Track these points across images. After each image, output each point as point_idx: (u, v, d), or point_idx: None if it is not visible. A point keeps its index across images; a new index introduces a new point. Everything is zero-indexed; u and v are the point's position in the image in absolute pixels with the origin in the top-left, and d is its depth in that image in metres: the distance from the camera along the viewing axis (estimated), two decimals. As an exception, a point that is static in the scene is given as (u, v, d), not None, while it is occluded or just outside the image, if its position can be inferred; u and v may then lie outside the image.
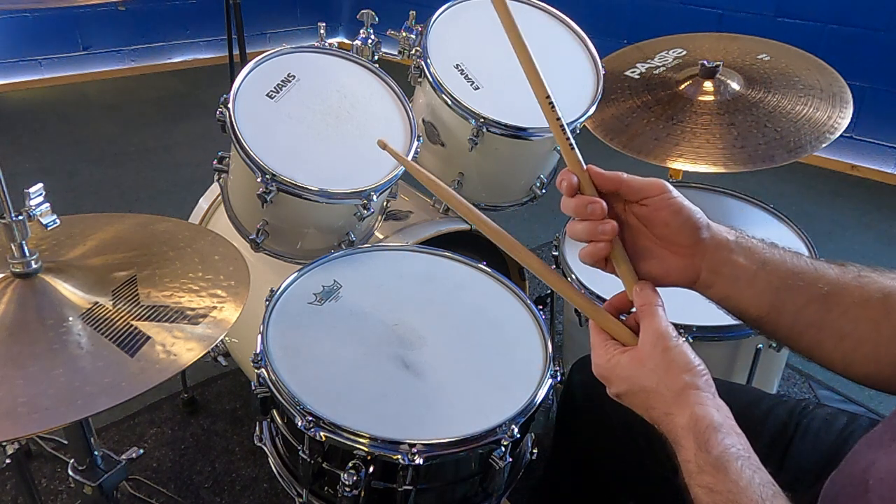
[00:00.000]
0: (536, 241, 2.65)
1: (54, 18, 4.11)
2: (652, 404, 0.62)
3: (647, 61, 1.65)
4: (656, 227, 0.67)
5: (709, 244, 0.66)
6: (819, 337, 0.66)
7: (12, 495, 1.50)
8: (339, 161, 1.22)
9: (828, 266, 0.67)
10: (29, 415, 0.70)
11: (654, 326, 0.64)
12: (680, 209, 0.65)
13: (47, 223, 0.87)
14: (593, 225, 0.66)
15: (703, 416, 0.59)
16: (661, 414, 0.62)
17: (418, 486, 0.88)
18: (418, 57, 1.36)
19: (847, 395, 1.90)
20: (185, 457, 1.63)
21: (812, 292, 0.65)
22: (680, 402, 0.60)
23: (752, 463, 0.57)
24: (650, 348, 0.63)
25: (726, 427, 0.59)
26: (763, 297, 0.66)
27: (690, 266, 0.67)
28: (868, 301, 0.64)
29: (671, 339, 0.63)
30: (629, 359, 0.64)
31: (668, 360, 0.62)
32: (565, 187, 0.67)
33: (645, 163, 1.40)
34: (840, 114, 1.38)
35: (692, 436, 0.58)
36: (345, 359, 0.97)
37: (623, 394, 0.65)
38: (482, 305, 1.10)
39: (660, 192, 0.65)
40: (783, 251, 0.68)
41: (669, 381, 0.61)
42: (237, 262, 0.98)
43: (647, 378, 0.62)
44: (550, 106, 0.67)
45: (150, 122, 3.78)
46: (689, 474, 0.58)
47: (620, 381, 0.65)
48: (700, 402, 0.60)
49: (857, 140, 3.34)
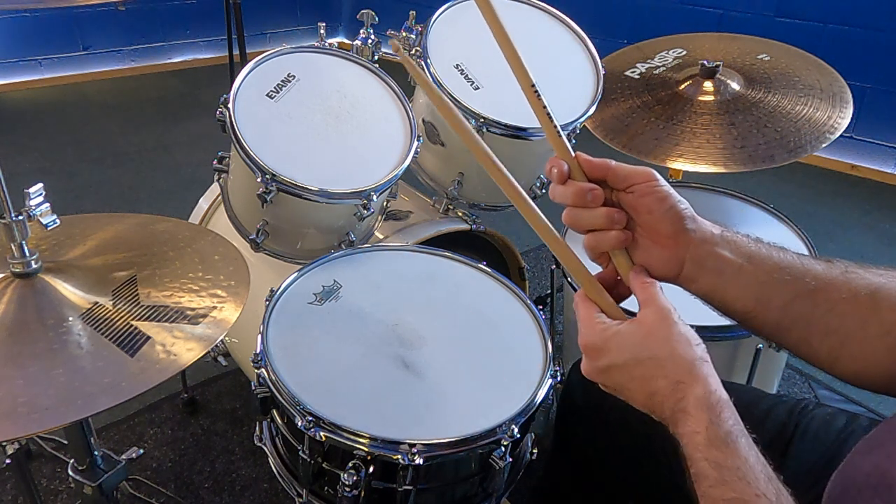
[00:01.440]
0: (536, 240, 2.64)
1: (54, 18, 4.11)
2: (661, 373, 0.61)
3: (647, 61, 1.65)
4: (640, 214, 0.66)
5: (693, 236, 0.65)
6: (805, 333, 0.65)
7: (12, 495, 1.50)
8: (339, 161, 1.22)
9: (815, 262, 0.66)
10: (29, 415, 0.70)
11: (659, 302, 0.63)
12: (665, 197, 0.65)
13: (47, 223, 0.87)
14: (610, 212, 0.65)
15: (716, 389, 0.59)
16: (671, 383, 0.60)
17: (418, 486, 0.88)
18: (418, 57, 1.36)
19: (847, 395, 1.90)
20: (185, 457, 1.63)
21: (799, 287, 0.65)
22: (694, 373, 0.60)
23: (752, 443, 0.57)
24: (658, 320, 0.62)
25: (731, 405, 0.59)
26: (748, 292, 0.66)
27: (674, 258, 0.66)
28: (856, 297, 0.63)
29: (676, 314, 0.63)
30: (633, 329, 0.63)
31: (678, 332, 0.61)
32: (556, 174, 0.66)
33: (645, 163, 1.40)
34: (840, 114, 1.38)
35: (705, 407, 0.58)
36: (345, 359, 0.97)
37: (618, 365, 0.63)
38: (482, 305, 1.10)
39: (646, 179, 0.65)
40: (769, 246, 0.67)
41: (682, 350, 0.60)
42: (237, 262, 0.98)
43: (658, 347, 0.61)
44: (536, 94, 0.67)
45: (150, 122, 3.78)
46: (696, 446, 0.57)
47: (619, 351, 0.63)
48: (712, 374, 0.60)
49: (857, 140, 3.34)
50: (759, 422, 0.87)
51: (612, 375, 0.64)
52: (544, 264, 2.50)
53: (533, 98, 0.67)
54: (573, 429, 1.07)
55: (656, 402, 0.61)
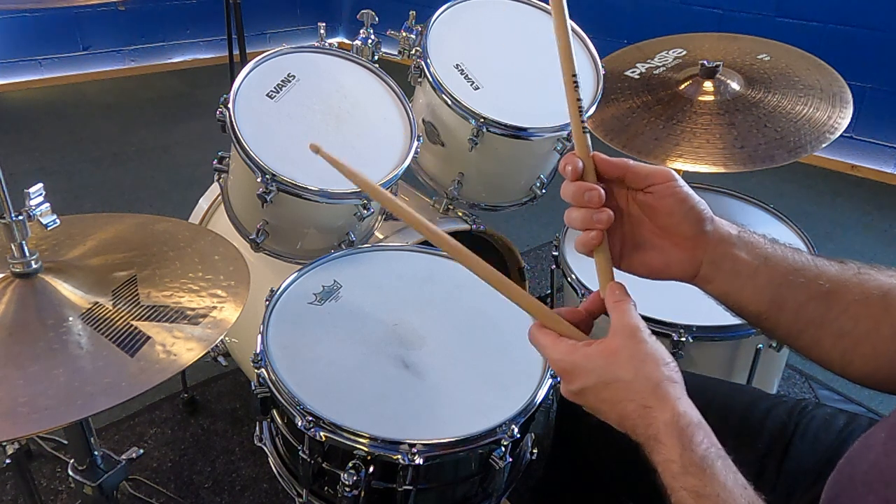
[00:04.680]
0: (536, 241, 2.65)
1: (54, 18, 4.11)
2: (628, 396, 0.59)
3: (647, 61, 1.65)
4: (659, 216, 0.66)
5: (711, 237, 0.65)
6: (818, 335, 0.65)
7: (12, 495, 1.50)
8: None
9: (828, 263, 0.66)
10: (29, 415, 0.70)
11: (627, 320, 0.62)
12: (685, 198, 0.64)
13: (47, 223, 0.87)
14: (589, 213, 0.65)
15: (685, 412, 0.57)
16: (638, 407, 0.58)
17: (418, 486, 0.88)
18: (418, 57, 1.36)
19: (847, 395, 1.90)
20: (185, 457, 1.63)
21: (813, 289, 0.64)
22: (659, 395, 0.58)
23: (730, 465, 0.56)
24: (624, 339, 0.61)
25: (705, 425, 0.57)
26: (764, 294, 0.65)
27: (691, 259, 0.66)
28: (868, 299, 0.63)
29: (645, 332, 0.61)
30: (599, 350, 0.61)
31: (644, 352, 0.60)
32: (570, 171, 0.65)
33: (645, 163, 1.40)
34: (840, 114, 1.38)
35: (676, 433, 0.56)
36: (345, 359, 0.97)
37: (589, 388, 0.61)
38: (482, 305, 1.10)
39: (666, 179, 0.64)
40: (784, 247, 0.67)
41: (647, 371, 0.59)
42: (237, 262, 0.97)
43: (622, 368, 0.59)
44: (575, 85, 0.65)
45: (149, 121, 3.78)
46: (672, 476, 0.56)
47: (587, 374, 0.61)
48: (680, 397, 0.58)
49: (857, 140, 3.34)
50: (759, 422, 0.87)
51: (587, 397, 0.62)
52: (544, 264, 2.50)
53: (571, 89, 0.65)
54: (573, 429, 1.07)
55: (628, 425, 0.60)
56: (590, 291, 1.27)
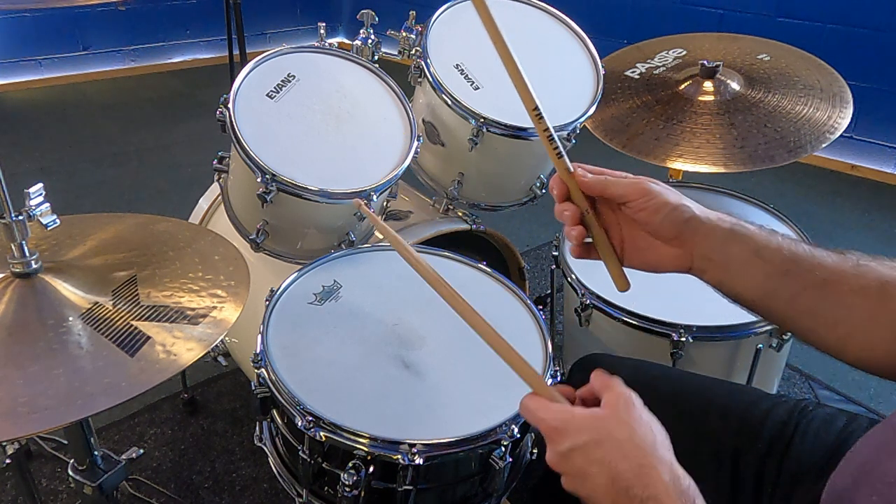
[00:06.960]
0: (536, 241, 2.65)
1: (54, 18, 4.12)
2: (622, 455, 0.58)
3: (647, 61, 1.65)
4: (641, 224, 0.71)
5: (698, 232, 0.69)
6: (813, 324, 0.67)
7: (12, 495, 1.50)
8: (339, 161, 1.22)
9: (826, 254, 0.68)
10: (29, 415, 0.70)
11: (620, 390, 0.62)
12: (657, 210, 0.69)
13: (47, 223, 0.87)
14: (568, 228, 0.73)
15: (684, 474, 0.57)
16: (634, 466, 0.57)
17: (418, 486, 0.88)
18: (418, 57, 1.36)
19: (847, 395, 1.90)
20: (185, 457, 1.63)
21: (808, 280, 0.66)
22: (657, 455, 0.58)
23: None
24: (618, 403, 0.61)
25: (698, 490, 0.58)
26: (755, 284, 0.68)
27: (682, 254, 0.71)
28: (865, 289, 0.64)
29: (637, 399, 0.62)
30: (592, 411, 0.62)
31: (637, 416, 0.60)
32: (556, 194, 0.73)
33: (645, 163, 1.40)
34: (840, 114, 1.39)
35: (678, 495, 0.56)
36: (345, 359, 0.97)
37: (579, 447, 0.60)
38: (482, 305, 1.10)
39: (638, 196, 0.69)
40: (781, 238, 0.69)
41: (643, 432, 0.59)
42: (237, 262, 0.97)
43: (616, 428, 0.59)
44: (538, 117, 0.71)
45: (149, 121, 3.78)
46: None
47: (578, 433, 0.60)
48: (673, 460, 0.58)
49: (857, 140, 3.34)
50: (760, 422, 0.87)
51: (574, 459, 0.61)
52: (544, 264, 2.50)
53: (536, 121, 0.72)
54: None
55: (620, 487, 0.58)
56: (590, 291, 1.27)
